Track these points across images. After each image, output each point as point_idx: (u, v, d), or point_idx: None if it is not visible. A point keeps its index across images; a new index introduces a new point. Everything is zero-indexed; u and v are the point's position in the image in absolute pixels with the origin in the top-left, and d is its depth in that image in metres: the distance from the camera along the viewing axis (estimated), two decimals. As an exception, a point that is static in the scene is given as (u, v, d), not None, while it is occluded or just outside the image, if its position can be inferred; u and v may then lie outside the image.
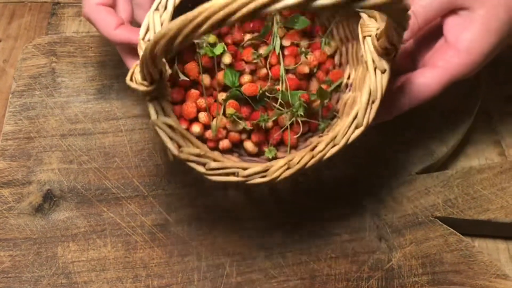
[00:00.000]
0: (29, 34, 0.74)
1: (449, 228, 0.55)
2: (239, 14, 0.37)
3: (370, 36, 0.48)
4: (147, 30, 0.49)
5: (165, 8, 0.49)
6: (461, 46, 0.51)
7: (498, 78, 0.67)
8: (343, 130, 0.47)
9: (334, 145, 0.47)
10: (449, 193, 0.57)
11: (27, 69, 0.66)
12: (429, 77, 0.51)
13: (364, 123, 0.47)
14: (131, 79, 0.46)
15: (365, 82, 0.47)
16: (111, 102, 0.63)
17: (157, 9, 0.49)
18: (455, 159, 0.62)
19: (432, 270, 0.53)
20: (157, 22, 0.49)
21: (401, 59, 0.54)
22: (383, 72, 0.47)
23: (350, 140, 0.47)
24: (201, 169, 0.47)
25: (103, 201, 0.57)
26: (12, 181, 0.58)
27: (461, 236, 0.54)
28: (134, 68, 0.47)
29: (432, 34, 0.53)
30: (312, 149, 0.48)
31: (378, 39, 0.47)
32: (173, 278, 0.53)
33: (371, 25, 0.48)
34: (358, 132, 0.47)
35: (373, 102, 0.47)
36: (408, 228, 0.55)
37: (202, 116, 0.52)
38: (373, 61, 0.47)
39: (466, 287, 0.52)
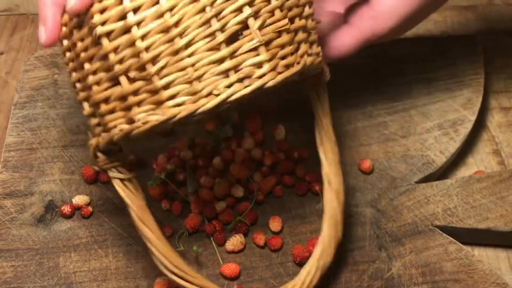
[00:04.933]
0: (32, 46, 0.74)
1: (449, 237, 0.55)
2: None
3: None
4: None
5: None
6: (379, 9, 0.51)
7: (497, 88, 0.68)
8: None
9: None
10: (448, 202, 0.57)
11: (29, 81, 0.67)
12: (344, 39, 0.52)
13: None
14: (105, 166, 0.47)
15: None
16: (113, 113, 0.63)
17: None
18: (454, 169, 0.62)
19: (432, 279, 0.53)
20: None
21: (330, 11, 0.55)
22: None
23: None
24: None
25: (104, 212, 0.58)
26: (15, 192, 0.59)
27: (461, 245, 0.54)
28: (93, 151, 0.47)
29: None
30: None
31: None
32: (174, 288, 0.53)
33: None
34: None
35: None
36: (408, 237, 0.55)
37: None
38: None
39: (466, 296, 0.52)
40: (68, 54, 0.46)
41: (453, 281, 0.53)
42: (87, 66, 0.44)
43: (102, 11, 0.42)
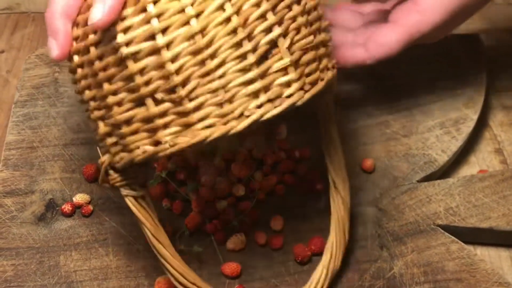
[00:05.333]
0: (32, 44, 0.74)
1: (451, 236, 0.55)
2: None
3: None
4: None
5: None
6: (425, 3, 0.52)
7: (499, 87, 0.68)
8: None
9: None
10: (450, 201, 0.57)
11: (30, 79, 0.67)
12: (389, 36, 0.52)
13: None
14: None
15: None
16: (114, 112, 0.63)
17: None
18: (456, 167, 0.62)
19: (434, 278, 0.53)
20: None
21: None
22: None
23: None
24: None
25: (105, 211, 0.58)
26: (15, 191, 0.59)
27: (462, 244, 0.54)
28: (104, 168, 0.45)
29: None
30: None
31: None
32: (175, 287, 0.53)
33: None
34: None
35: None
36: (410, 237, 0.55)
37: None
38: None
39: (468, 296, 0.52)
40: (80, 71, 0.44)
41: (455, 280, 0.52)
42: (106, 86, 0.42)
43: (125, 30, 0.40)
